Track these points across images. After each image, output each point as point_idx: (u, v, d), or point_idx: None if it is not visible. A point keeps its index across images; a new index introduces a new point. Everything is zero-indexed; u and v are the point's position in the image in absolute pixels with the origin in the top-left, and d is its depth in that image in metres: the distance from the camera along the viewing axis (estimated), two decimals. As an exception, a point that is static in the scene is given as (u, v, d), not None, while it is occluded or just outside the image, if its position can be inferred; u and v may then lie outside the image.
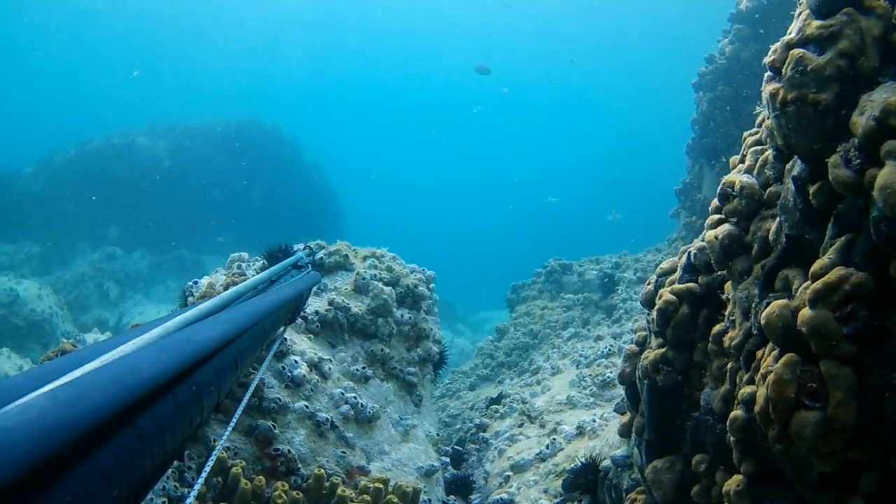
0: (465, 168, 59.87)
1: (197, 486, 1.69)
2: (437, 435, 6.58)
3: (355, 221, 37.31)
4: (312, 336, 6.17)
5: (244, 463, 4.54)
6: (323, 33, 48.28)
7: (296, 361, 5.47)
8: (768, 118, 2.62)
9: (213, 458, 1.81)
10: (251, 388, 2.40)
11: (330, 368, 5.88)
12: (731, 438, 2.84)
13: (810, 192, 2.52)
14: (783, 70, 2.43)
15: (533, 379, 7.94)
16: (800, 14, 2.53)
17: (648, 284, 3.87)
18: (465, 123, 58.25)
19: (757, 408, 2.44)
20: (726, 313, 3.13)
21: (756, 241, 2.97)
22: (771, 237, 2.82)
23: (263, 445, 4.93)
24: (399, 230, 51.54)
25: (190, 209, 22.06)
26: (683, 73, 13.67)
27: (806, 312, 2.25)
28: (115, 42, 44.52)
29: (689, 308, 3.40)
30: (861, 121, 2.20)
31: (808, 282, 2.35)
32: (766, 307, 2.56)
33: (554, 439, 5.57)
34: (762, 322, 2.45)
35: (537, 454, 5.55)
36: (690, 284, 3.42)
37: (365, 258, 7.30)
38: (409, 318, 6.84)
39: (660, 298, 3.48)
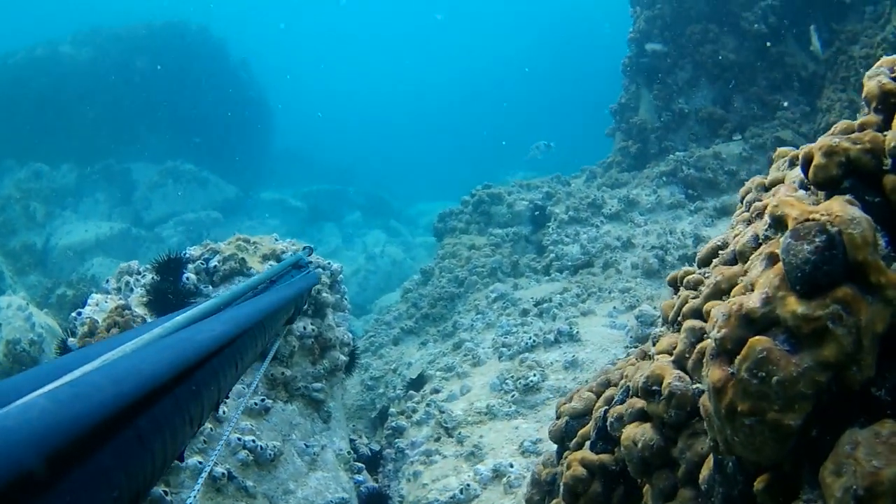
0: (396, 57, 56.05)
1: (197, 487, 1.67)
2: (350, 452, 6.14)
3: (286, 117, 34.85)
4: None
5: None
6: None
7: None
8: (708, 399, 1.86)
9: (218, 451, 1.89)
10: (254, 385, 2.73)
11: (224, 412, 5.22)
12: None
13: (754, 485, 1.87)
14: (737, 363, 1.65)
15: (454, 360, 7.51)
16: (766, 258, 1.69)
17: (558, 419, 3.25)
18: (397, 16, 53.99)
19: None
20: (644, 526, 2.56)
21: (683, 462, 2.34)
22: (702, 484, 2.19)
23: (156, 513, 4.43)
24: (331, 122, 48.44)
25: (116, 117, 21.28)
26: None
27: None
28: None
29: (602, 486, 2.82)
30: (836, 486, 1.50)
31: None
32: None
33: (469, 485, 5.22)
34: None
35: (451, 498, 5.22)
36: (604, 457, 2.81)
37: (264, 257, 6.33)
38: (312, 329, 6.09)
39: (568, 469, 2.88)
